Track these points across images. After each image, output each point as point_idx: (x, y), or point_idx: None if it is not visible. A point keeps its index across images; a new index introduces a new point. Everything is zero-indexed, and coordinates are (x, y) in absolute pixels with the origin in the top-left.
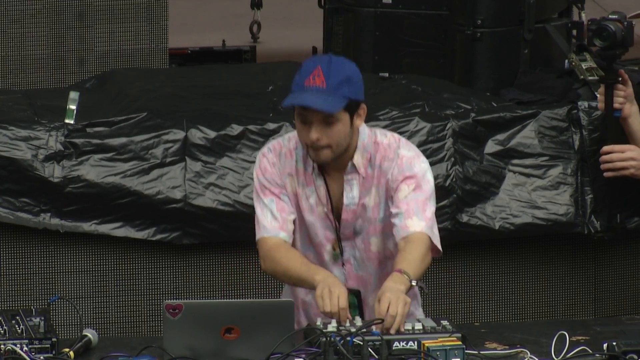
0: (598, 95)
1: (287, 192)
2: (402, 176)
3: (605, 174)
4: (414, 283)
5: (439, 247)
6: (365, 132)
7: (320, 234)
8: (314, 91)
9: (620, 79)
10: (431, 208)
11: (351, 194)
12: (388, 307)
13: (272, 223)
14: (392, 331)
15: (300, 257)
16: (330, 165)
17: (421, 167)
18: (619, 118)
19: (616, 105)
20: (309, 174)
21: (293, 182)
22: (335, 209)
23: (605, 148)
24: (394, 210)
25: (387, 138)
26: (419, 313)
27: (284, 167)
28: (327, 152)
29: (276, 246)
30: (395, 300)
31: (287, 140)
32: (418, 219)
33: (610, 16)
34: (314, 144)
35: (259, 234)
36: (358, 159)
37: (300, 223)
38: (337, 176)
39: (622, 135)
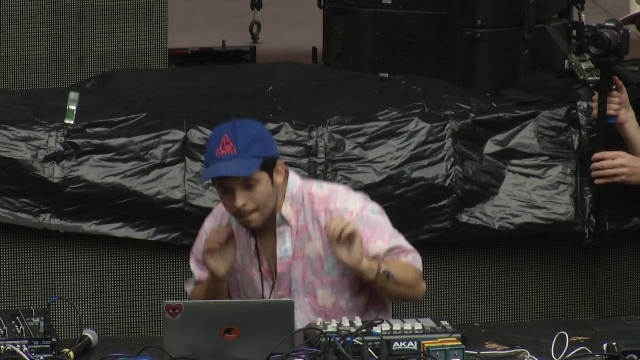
0: (593, 102)
1: None
2: (361, 234)
3: (596, 181)
4: (382, 270)
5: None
6: (296, 183)
7: (256, 292)
8: (226, 159)
9: (614, 86)
10: (402, 240)
11: (284, 246)
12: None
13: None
14: (334, 230)
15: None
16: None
17: (372, 215)
18: (613, 124)
19: (610, 111)
20: (242, 233)
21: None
22: (273, 265)
23: (596, 155)
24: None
25: (322, 189)
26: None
27: None
28: (255, 216)
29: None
30: (339, 223)
31: (221, 206)
32: (406, 257)
33: (606, 23)
34: (240, 211)
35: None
36: (287, 210)
37: (237, 284)
38: (270, 232)
39: (615, 142)
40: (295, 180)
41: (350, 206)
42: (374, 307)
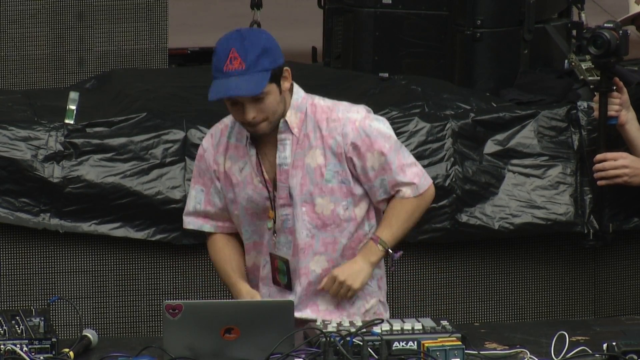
0: (593, 104)
1: (219, 177)
2: (362, 141)
3: (599, 183)
4: (395, 257)
5: (431, 188)
6: (300, 94)
7: (259, 204)
8: (235, 75)
9: (614, 87)
10: (406, 156)
11: (283, 153)
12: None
13: (195, 217)
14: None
15: (226, 267)
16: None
17: (375, 127)
18: (614, 126)
19: (611, 113)
20: (242, 147)
21: (225, 160)
22: (272, 178)
23: (598, 156)
24: (375, 182)
25: (324, 101)
26: (376, 289)
27: (218, 147)
28: (264, 125)
29: (210, 243)
30: (342, 284)
31: (226, 118)
32: (405, 188)
33: (605, 24)
34: (250, 123)
35: (185, 223)
36: (291, 117)
37: (239, 200)
38: (272, 140)
39: (616, 143)
40: (299, 91)
41: (353, 115)
42: (369, 220)
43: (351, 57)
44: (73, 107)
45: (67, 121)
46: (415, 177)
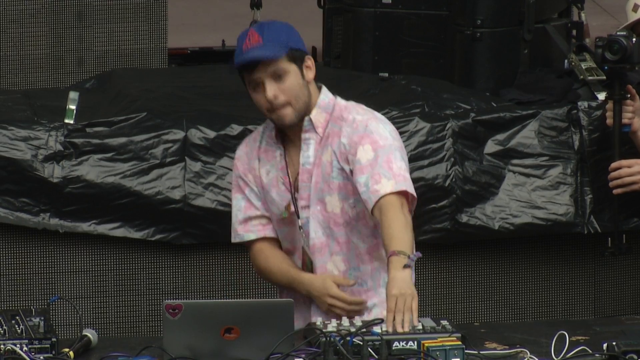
0: (607, 111)
1: (254, 182)
2: (357, 138)
3: (615, 191)
4: (413, 258)
5: (414, 194)
6: (328, 95)
7: (282, 205)
8: (253, 49)
9: (628, 95)
10: (397, 162)
11: (307, 152)
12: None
13: (239, 225)
14: (406, 328)
15: (282, 265)
16: (293, 133)
17: (376, 125)
18: (627, 133)
19: (625, 120)
20: (272, 150)
21: (256, 163)
22: (297, 178)
23: (613, 165)
24: (359, 177)
25: (345, 102)
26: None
27: (251, 153)
28: (288, 111)
29: (256, 253)
30: (403, 295)
31: (259, 127)
32: (386, 179)
33: (618, 32)
34: (272, 104)
35: (231, 237)
36: (316, 116)
37: (269, 203)
38: (297, 142)
39: (630, 150)
40: (327, 93)
41: (359, 116)
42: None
43: (351, 57)
44: (73, 107)
45: (67, 121)
46: (399, 175)
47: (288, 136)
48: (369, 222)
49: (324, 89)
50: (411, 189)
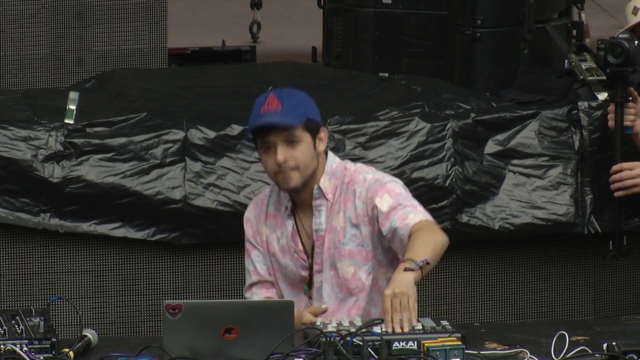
0: (608, 114)
1: (260, 245)
2: (372, 192)
3: (616, 194)
4: (419, 263)
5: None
6: (335, 160)
7: (295, 274)
8: (271, 114)
9: (630, 97)
10: (416, 202)
11: (319, 219)
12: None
13: (246, 291)
14: (406, 329)
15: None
16: (301, 200)
17: (389, 179)
18: (629, 135)
19: (627, 123)
20: (281, 216)
21: (265, 229)
22: (310, 245)
23: (615, 167)
24: (386, 225)
25: (354, 165)
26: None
27: (259, 217)
28: (295, 175)
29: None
30: (398, 294)
31: (266, 188)
32: (413, 214)
33: (620, 35)
34: (281, 167)
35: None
36: (325, 183)
37: (276, 267)
38: (308, 212)
39: (631, 150)
40: (334, 157)
41: (368, 176)
42: None
43: (351, 57)
44: (73, 107)
45: (67, 121)
46: (425, 213)
47: (296, 203)
48: (381, 288)
49: (331, 155)
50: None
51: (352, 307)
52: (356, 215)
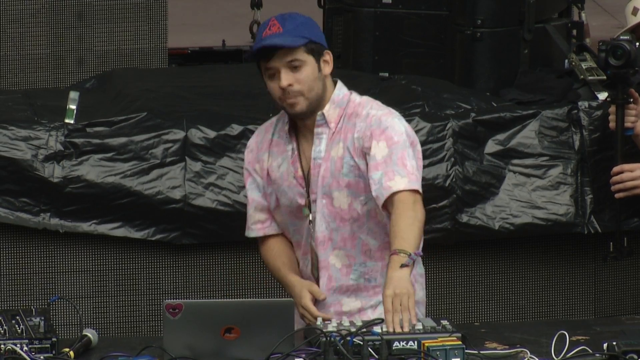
0: (609, 115)
1: (259, 174)
2: (370, 132)
3: (617, 195)
4: (414, 257)
5: (421, 196)
6: (343, 90)
7: (294, 198)
8: (272, 36)
9: (631, 99)
10: (410, 160)
11: (319, 147)
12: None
13: (250, 221)
14: (406, 328)
15: (276, 263)
16: (304, 126)
17: (391, 121)
18: (630, 136)
19: (628, 124)
20: (283, 143)
21: (267, 156)
22: (307, 169)
23: (615, 169)
24: (373, 173)
25: (360, 97)
26: (421, 296)
27: (262, 144)
28: (300, 100)
29: (263, 250)
30: (398, 295)
31: (273, 117)
32: (400, 176)
33: (621, 37)
34: (285, 92)
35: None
36: (329, 111)
37: (278, 198)
38: (310, 137)
39: (631, 150)
40: (342, 87)
41: (373, 111)
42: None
43: (351, 57)
44: (73, 107)
45: (67, 121)
46: (412, 174)
47: (300, 130)
48: (381, 220)
49: (340, 84)
50: (420, 189)
51: (347, 237)
52: (354, 148)
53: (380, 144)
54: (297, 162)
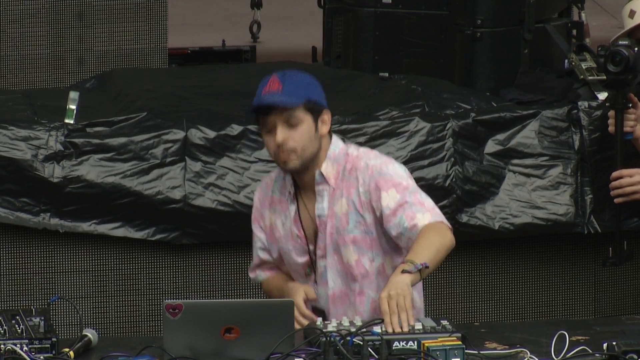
0: (609, 119)
1: (262, 230)
2: (375, 184)
3: (616, 200)
4: (418, 266)
5: (450, 226)
6: (339, 145)
7: (297, 259)
8: (271, 95)
9: (630, 104)
10: (426, 200)
11: (321, 204)
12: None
13: (255, 266)
14: (405, 328)
15: (277, 283)
16: (305, 184)
17: (392, 168)
18: (629, 140)
19: (627, 128)
20: (285, 201)
21: (270, 214)
22: (313, 229)
23: (614, 174)
24: (393, 222)
25: (357, 151)
26: (419, 302)
27: (264, 201)
28: (293, 157)
29: (264, 285)
30: (394, 296)
31: (272, 172)
32: (421, 213)
33: (620, 42)
34: (280, 147)
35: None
36: (327, 169)
37: (285, 254)
38: (312, 197)
39: (631, 151)
40: (338, 142)
41: (370, 162)
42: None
43: (351, 56)
44: (73, 107)
45: (67, 121)
46: (433, 210)
47: (299, 187)
48: (388, 275)
49: (335, 138)
50: (445, 219)
51: (358, 292)
52: (360, 203)
53: (390, 192)
54: (299, 221)
